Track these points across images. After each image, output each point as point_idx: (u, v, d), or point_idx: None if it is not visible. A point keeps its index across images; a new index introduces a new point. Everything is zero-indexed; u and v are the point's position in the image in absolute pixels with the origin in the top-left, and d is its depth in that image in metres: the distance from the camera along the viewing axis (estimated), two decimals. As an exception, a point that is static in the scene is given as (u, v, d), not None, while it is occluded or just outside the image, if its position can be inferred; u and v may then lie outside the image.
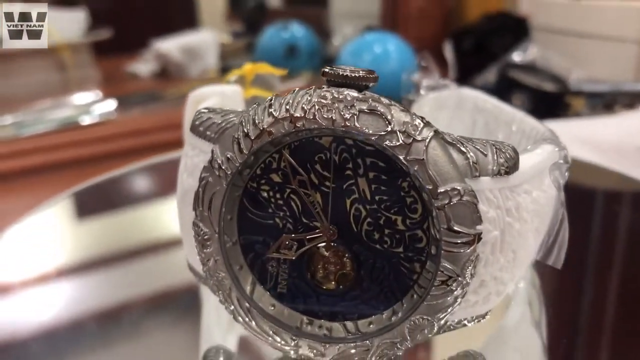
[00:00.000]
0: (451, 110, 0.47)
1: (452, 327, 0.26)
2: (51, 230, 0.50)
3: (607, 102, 0.97)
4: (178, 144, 0.36)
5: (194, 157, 0.27)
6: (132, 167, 0.63)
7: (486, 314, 0.26)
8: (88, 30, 1.32)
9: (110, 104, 1.03)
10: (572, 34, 1.23)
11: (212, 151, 0.24)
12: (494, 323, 0.32)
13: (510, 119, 0.40)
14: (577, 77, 1.03)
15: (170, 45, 1.39)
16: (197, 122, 0.26)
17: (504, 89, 1.01)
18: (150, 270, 0.43)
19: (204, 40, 1.47)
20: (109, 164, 0.64)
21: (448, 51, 1.17)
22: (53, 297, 0.39)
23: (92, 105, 1.02)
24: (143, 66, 1.43)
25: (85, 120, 0.95)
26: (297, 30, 1.41)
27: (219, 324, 0.34)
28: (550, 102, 0.97)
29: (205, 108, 0.27)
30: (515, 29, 1.27)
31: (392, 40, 1.09)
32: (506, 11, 1.40)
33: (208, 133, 0.25)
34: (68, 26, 1.23)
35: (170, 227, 0.49)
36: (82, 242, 0.49)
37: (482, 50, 1.24)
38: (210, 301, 0.35)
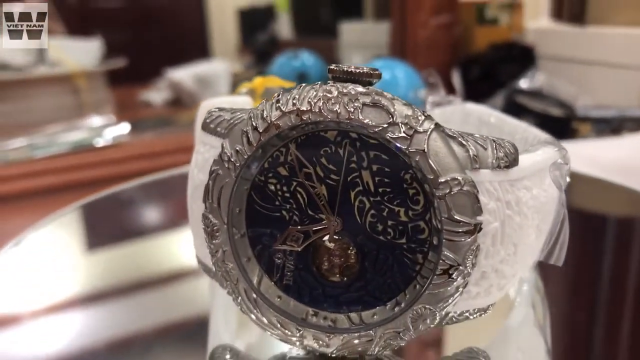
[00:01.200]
0: (456, 125, 0.48)
1: (454, 319, 0.26)
2: (50, 249, 0.50)
3: (613, 127, 0.98)
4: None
5: (204, 153, 0.28)
6: (134, 183, 0.63)
7: (488, 307, 0.27)
8: (103, 59, 1.36)
9: (124, 128, 1.05)
10: (578, 62, 1.24)
11: (222, 145, 0.25)
12: (497, 324, 0.32)
13: (514, 130, 0.41)
14: (583, 103, 1.04)
15: (183, 74, 1.42)
16: (207, 120, 0.27)
17: (510, 114, 1.01)
18: (159, 300, 0.42)
19: (216, 69, 1.50)
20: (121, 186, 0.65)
21: (456, 79, 1.19)
22: (57, 328, 0.37)
23: (105, 129, 1.05)
24: (156, 94, 1.46)
25: (99, 142, 0.97)
26: (307, 59, 1.44)
27: (227, 331, 0.34)
28: (557, 127, 0.98)
29: (216, 108, 0.28)
30: (522, 58, 1.29)
31: (400, 66, 1.10)
32: (512, 41, 1.42)
33: (218, 129, 0.26)
34: (83, 55, 1.27)
35: (180, 254, 0.48)
36: (84, 269, 0.48)
37: (489, 78, 1.26)
38: (218, 308, 0.36)
